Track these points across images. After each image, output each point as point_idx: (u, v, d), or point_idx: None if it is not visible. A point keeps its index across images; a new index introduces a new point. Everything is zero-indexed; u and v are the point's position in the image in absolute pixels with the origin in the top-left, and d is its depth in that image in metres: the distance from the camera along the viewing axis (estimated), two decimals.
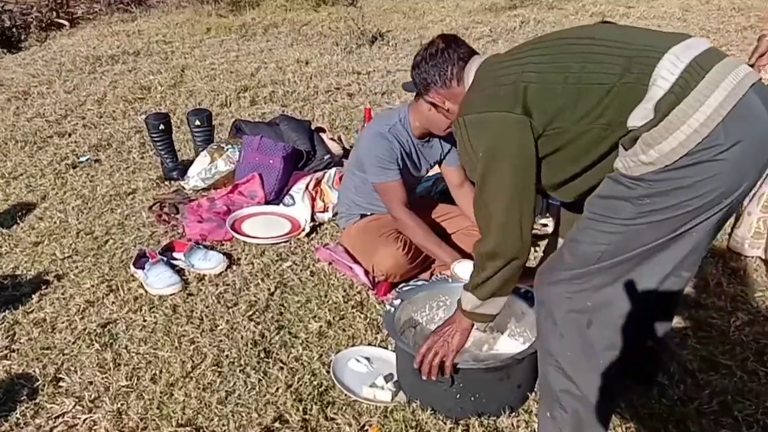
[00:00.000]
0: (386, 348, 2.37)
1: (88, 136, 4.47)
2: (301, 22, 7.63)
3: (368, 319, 2.51)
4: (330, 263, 2.84)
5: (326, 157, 3.47)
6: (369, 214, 2.83)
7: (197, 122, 3.75)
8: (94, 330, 2.52)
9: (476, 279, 1.77)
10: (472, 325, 1.90)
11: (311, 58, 6.21)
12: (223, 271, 2.81)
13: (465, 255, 2.61)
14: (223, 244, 3.03)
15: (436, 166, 2.87)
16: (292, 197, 3.22)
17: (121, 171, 3.89)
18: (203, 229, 3.02)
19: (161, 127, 3.63)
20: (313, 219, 3.15)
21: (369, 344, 2.39)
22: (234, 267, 2.86)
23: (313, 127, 3.68)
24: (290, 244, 3.03)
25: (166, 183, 3.68)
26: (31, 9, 7.74)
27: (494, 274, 1.72)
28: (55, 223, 3.34)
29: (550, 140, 1.55)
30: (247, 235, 3.02)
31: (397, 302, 2.25)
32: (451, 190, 2.87)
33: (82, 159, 4.04)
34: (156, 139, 3.66)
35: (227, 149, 3.49)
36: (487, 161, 1.59)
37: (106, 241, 3.13)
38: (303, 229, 3.07)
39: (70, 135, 4.53)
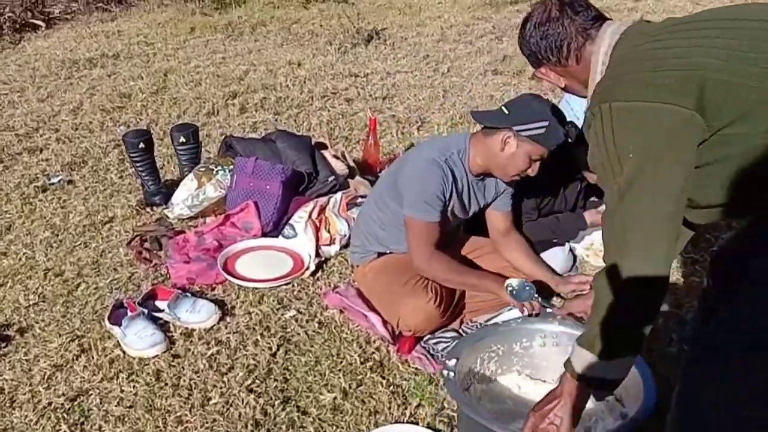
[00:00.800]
0: (417, 424, 1.92)
1: (62, 152, 3.96)
2: (290, 20, 7.10)
3: (391, 386, 2.06)
4: (341, 311, 2.38)
5: (330, 179, 3.00)
6: (388, 252, 2.37)
7: (182, 139, 3.27)
8: (62, 405, 2.04)
9: (598, 328, 1.28)
10: (587, 396, 1.38)
11: (303, 60, 5.71)
12: (215, 325, 2.34)
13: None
14: (213, 289, 2.55)
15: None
16: (293, 228, 2.76)
17: (97, 194, 3.39)
18: (191, 272, 2.55)
19: (141, 145, 3.15)
20: (318, 254, 2.69)
21: (396, 421, 1.94)
22: (228, 319, 2.38)
23: (312, 143, 3.21)
24: (293, 286, 2.56)
25: (148, 209, 3.19)
26: (4, 9, 7.15)
27: (626, 318, 1.26)
28: (20, 260, 2.85)
29: (716, 146, 1.19)
30: (243, 278, 2.54)
31: (452, 363, 1.80)
32: (493, 236, 2.43)
33: (54, 180, 3.54)
34: (136, 159, 3.18)
35: (217, 172, 3.01)
36: (640, 161, 1.20)
37: (78, 285, 2.64)
38: (307, 268, 2.60)
39: (41, 151, 4.00)
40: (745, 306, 1.25)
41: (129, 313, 2.26)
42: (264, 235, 2.80)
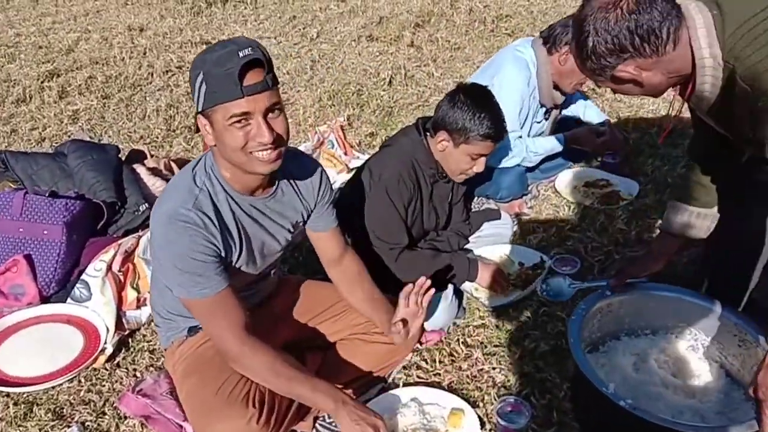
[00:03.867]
0: None
1: None
2: None
3: None
4: (143, 422, 1.63)
5: (143, 208, 2.18)
6: (200, 327, 1.62)
7: None
8: None
9: None
10: None
11: (147, 24, 4.70)
12: None
13: (354, 378, 1.67)
14: None
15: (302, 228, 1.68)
16: (86, 285, 1.94)
17: None
18: None
19: None
20: (120, 324, 1.90)
21: None
22: None
23: (123, 155, 2.36)
24: (79, 382, 1.76)
25: None
26: None
27: None
28: None
29: None
30: (2, 381, 1.73)
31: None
32: (325, 265, 1.70)
33: None
34: None
35: None
36: None
37: None
38: (102, 350, 1.81)
39: None
40: None
41: None
42: (44, 300, 1.97)
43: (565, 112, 2.72)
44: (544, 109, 2.47)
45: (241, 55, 1.24)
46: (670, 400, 1.61)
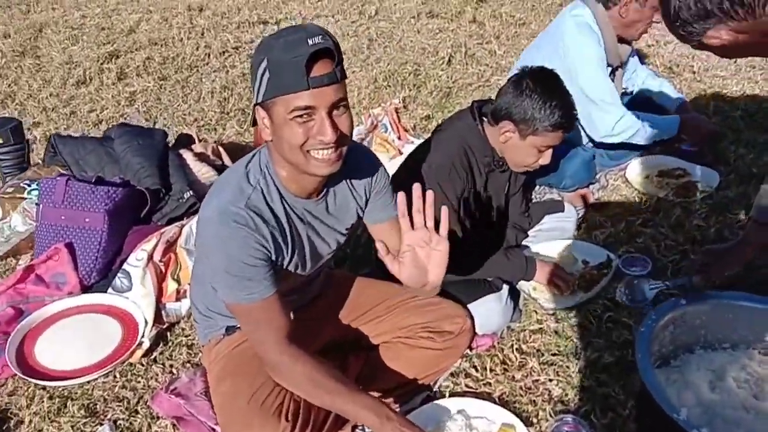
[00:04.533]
0: None
1: None
2: None
3: None
4: (175, 423, 1.56)
5: (187, 195, 2.11)
6: (238, 327, 1.53)
7: None
8: None
9: None
10: None
11: (207, 3, 4.65)
12: None
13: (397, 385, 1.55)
14: None
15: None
16: (127, 275, 1.89)
17: None
18: None
19: None
20: (159, 317, 1.84)
21: None
22: None
23: (171, 139, 2.29)
24: (115, 377, 1.71)
25: None
26: None
27: None
28: None
29: None
30: (40, 371, 1.69)
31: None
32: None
33: None
34: None
35: (30, 193, 2.10)
36: None
37: None
38: (139, 344, 1.75)
39: None
40: None
41: None
42: (85, 290, 1.92)
43: (634, 88, 2.49)
44: (609, 69, 2.26)
45: (310, 43, 1.11)
46: (752, 426, 1.41)
